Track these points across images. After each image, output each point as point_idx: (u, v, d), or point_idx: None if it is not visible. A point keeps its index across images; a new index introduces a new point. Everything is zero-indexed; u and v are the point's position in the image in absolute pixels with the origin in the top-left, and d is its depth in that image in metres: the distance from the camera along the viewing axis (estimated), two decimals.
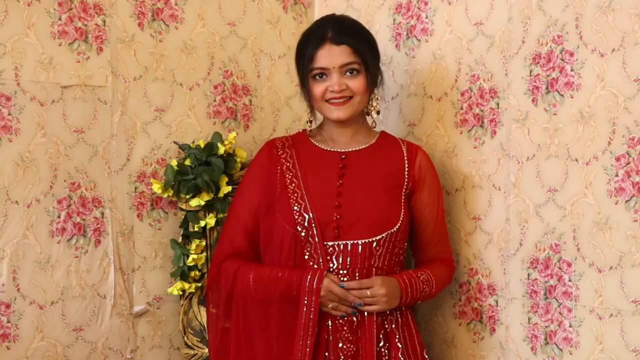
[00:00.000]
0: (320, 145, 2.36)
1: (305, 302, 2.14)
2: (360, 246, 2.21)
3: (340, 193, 2.25)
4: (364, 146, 2.35)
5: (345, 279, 2.19)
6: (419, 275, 2.27)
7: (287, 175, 2.29)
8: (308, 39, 2.28)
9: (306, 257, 2.21)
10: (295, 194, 2.26)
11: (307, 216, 2.22)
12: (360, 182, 2.28)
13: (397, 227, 2.25)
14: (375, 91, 2.33)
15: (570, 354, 2.22)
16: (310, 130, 2.41)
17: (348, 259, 2.20)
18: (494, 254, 2.41)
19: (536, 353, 2.30)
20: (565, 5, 2.21)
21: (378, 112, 2.35)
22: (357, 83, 2.25)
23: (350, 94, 2.25)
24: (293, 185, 2.27)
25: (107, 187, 2.48)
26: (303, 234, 2.22)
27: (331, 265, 2.20)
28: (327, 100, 2.26)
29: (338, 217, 2.22)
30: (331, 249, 2.21)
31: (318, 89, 2.25)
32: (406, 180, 2.32)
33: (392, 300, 2.19)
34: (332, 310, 2.17)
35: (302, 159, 2.32)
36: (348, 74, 2.24)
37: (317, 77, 2.26)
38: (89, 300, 2.45)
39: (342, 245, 2.21)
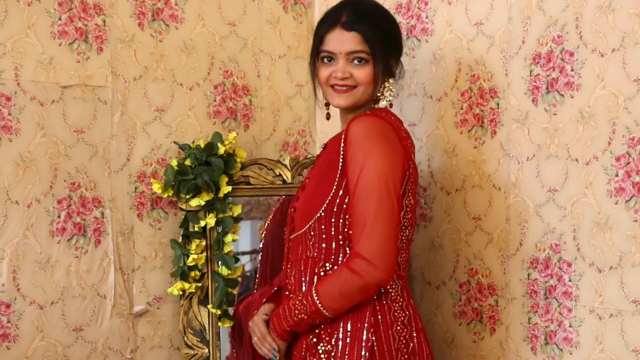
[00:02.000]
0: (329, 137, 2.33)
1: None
2: (296, 238, 2.18)
3: (304, 186, 2.24)
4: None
5: (291, 272, 2.20)
6: (292, 302, 2.08)
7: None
8: (324, 19, 2.22)
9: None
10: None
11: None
12: (316, 173, 2.22)
13: (322, 210, 2.09)
14: (391, 81, 2.21)
15: (570, 354, 2.22)
16: (327, 118, 2.33)
17: (298, 253, 2.18)
18: (494, 254, 2.41)
19: (536, 353, 2.30)
20: (565, 5, 2.21)
21: (391, 105, 2.23)
22: (362, 73, 2.15)
23: (354, 83, 2.16)
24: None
25: (107, 187, 2.48)
26: (285, 229, 2.28)
27: (290, 256, 2.22)
28: (331, 85, 2.19)
29: (293, 210, 2.22)
30: (290, 243, 2.22)
31: (324, 72, 2.19)
32: (341, 158, 2.10)
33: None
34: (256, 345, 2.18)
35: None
36: (355, 62, 2.16)
37: (325, 60, 2.19)
38: (89, 300, 2.45)
39: (293, 240, 2.21)
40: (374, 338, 2.04)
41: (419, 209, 2.60)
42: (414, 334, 2.11)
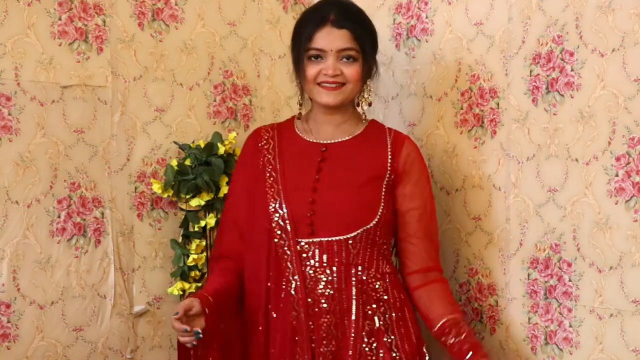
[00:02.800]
0: (302, 136, 2.29)
1: None
2: (335, 244, 2.16)
3: (315, 188, 2.19)
4: (347, 137, 2.28)
5: (324, 277, 2.15)
6: (467, 325, 2.22)
7: (267, 168, 2.25)
8: (309, 18, 2.22)
9: (284, 256, 2.17)
10: (272, 189, 2.21)
11: (281, 212, 2.18)
12: (338, 176, 2.21)
13: (374, 222, 2.18)
14: (369, 82, 2.26)
15: (570, 354, 2.22)
16: (299, 118, 2.34)
17: (325, 257, 2.15)
18: (494, 254, 2.41)
19: (536, 353, 2.30)
20: (565, 5, 2.21)
21: (370, 104, 2.28)
22: (352, 70, 2.18)
23: (344, 80, 2.18)
24: (271, 179, 2.23)
25: (107, 187, 2.48)
26: (278, 231, 2.17)
27: (308, 263, 2.15)
28: (318, 84, 2.20)
29: (311, 213, 2.17)
30: (306, 246, 2.16)
31: (312, 70, 2.19)
32: (388, 171, 2.23)
33: None
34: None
35: (284, 151, 2.27)
36: (344, 60, 2.18)
37: (313, 58, 2.19)
38: (89, 300, 2.45)
39: (317, 243, 2.16)
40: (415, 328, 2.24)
41: None
42: None
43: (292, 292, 2.16)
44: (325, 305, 2.15)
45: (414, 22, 2.62)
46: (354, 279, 2.16)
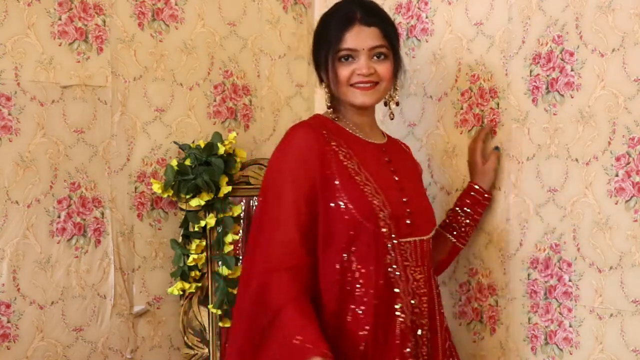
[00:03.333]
0: (359, 135, 2.18)
1: None
2: (425, 242, 2.13)
3: (402, 188, 2.14)
4: (384, 140, 2.25)
5: (421, 276, 2.10)
6: None
7: (348, 166, 2.08)
8: (333, 18, 2.16)
9: (387, 256, 2.03)
10: (367, 187, 2.06)
11: (386, 211, 2.05)
12: (407, 176, 2.19)
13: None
14: (397, 80, 2.22)
15: (570, 354, 2.22)
16: (333, 118, 2.20)
17: (419, 256, 2.10)
18: (494, 254, 2.41)
19: (536, 353, 2.30)
20: (565, 5, 2.21)
21: (397, 104, 2.24)
22: (384, 68, 2.13)
23: (377, 79, 2.13)
24: (360, 177, 2.07)
25: (107, 187, 2.48)
26: (385, 230, 2.04)
27: (406, 263, 2.07)
28: (351, 85, 2.13)
29: (409, 212, 2.11)
30: (406, 245, 2.08)
31: (344, 72, 2.12)
32: (420, 174, 2.34)
33: None
34: None
35: (351, 148, 2.13)
36: (375, 58, 2.13)
37: (343, 59, 2.13)
38: (89, 300, 2.45)
39: (412, 242, 2.10)
40: None
41: None
42: None
43: (399, 292, 2.05)
44: (426, 305, 2.10)
45: (414, 22, 2.62)
46: (432, 280, 2.18)
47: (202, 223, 2.54)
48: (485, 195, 2.36)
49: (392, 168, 2.17)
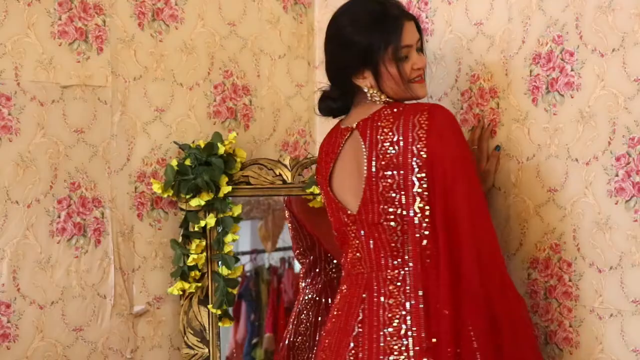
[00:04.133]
0: None
1: None
2: None
3: None
4: None
5: None
6: None
7: None
8: (384, 17, 2.14)
9: None
10: None
11: None
12: None
13: None
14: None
15: (570, 354, 2.22)
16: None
17: None
18: None
19: None
20: (565, 5, 2.21)
21: None
22: (424, 59, 2.20)
23: (423, 71, 2.20)
24: None
25: (107, 187, 2.49)
26: None
27: None
28: (409, 80, 2.16)
29: None
30: None
31: (406, 68, 2.15)
32: None
33: None
34: None
35: None
36: (417, 50, 2.18)
37: (403, 56, 2.14)
38: (89, 300, 2.45)
39: None
40: None
41: None
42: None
43: None
44: None
45: None
46: None
47: (202, 223, 2.54)
48: None
49: None
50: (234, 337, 3.77)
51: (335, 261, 2.89)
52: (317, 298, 2.93)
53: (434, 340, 2.01)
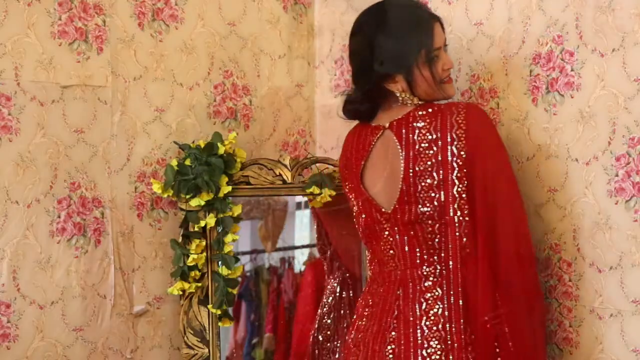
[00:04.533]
0: None
1: None
2: None
3: None
4: None
5: None
6: None
7: None
8: (415, 21, 2.17)
9: None
10: None
11: None
12: None
13: None
14: None
15: (570, 354, 2.22)
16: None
17: None
18: None
19: None
20: (565, 5, 2.21)
21: None
22: (450, 58, 2.24)
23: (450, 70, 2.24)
24: None
25: (107, 187, 2.48)
26: None
27: None
28: (441, 81, 2.19)
29: None
30: None
31: (438, 69, 2.18)
32: None
33: None
34: None
35: None
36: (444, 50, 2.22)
37: (435, 57, 2.17)
38: (89, 300, 2.45)
39: None
40: None
41: None
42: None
43: None
44: None
45: None
46: None
47: (202, 223, 2.54)
48: None
49: None
50: (234, 337, 3.76)
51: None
52: (338, 293, 2.95)
53: (472, 336, 2.05)
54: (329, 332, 2.96)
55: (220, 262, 2.57)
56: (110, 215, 2.49)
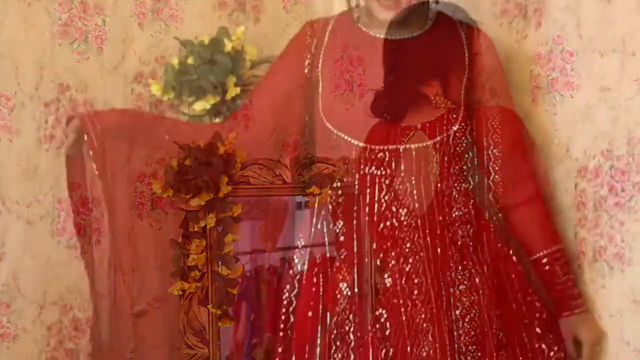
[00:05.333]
0: None
1: None
2: None
3: None
4: None
5: None
6: None
7: None
8: None
9: None
10: None
11: None
12: None
13: None
14: None
15: None
16: None
17: None
18: None
19: None
20: (565, 5, 2.21)
21: None
22: None
23: None
24: None
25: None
26: None
27: None
28: None
29: None
30: None
31: None
32: None
33: None
34: None
35: None
36: None
37: None
38: (89, 300, 2.45)
39: None
40: None
41: None
42: None
43: None
44: None
45: None
46: None
47: (202, 223, 2.54)
48: None
49: None
50: (234, 337, 3.76)
51: None
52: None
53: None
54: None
55: (220, 262, 2.57)
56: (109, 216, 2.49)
